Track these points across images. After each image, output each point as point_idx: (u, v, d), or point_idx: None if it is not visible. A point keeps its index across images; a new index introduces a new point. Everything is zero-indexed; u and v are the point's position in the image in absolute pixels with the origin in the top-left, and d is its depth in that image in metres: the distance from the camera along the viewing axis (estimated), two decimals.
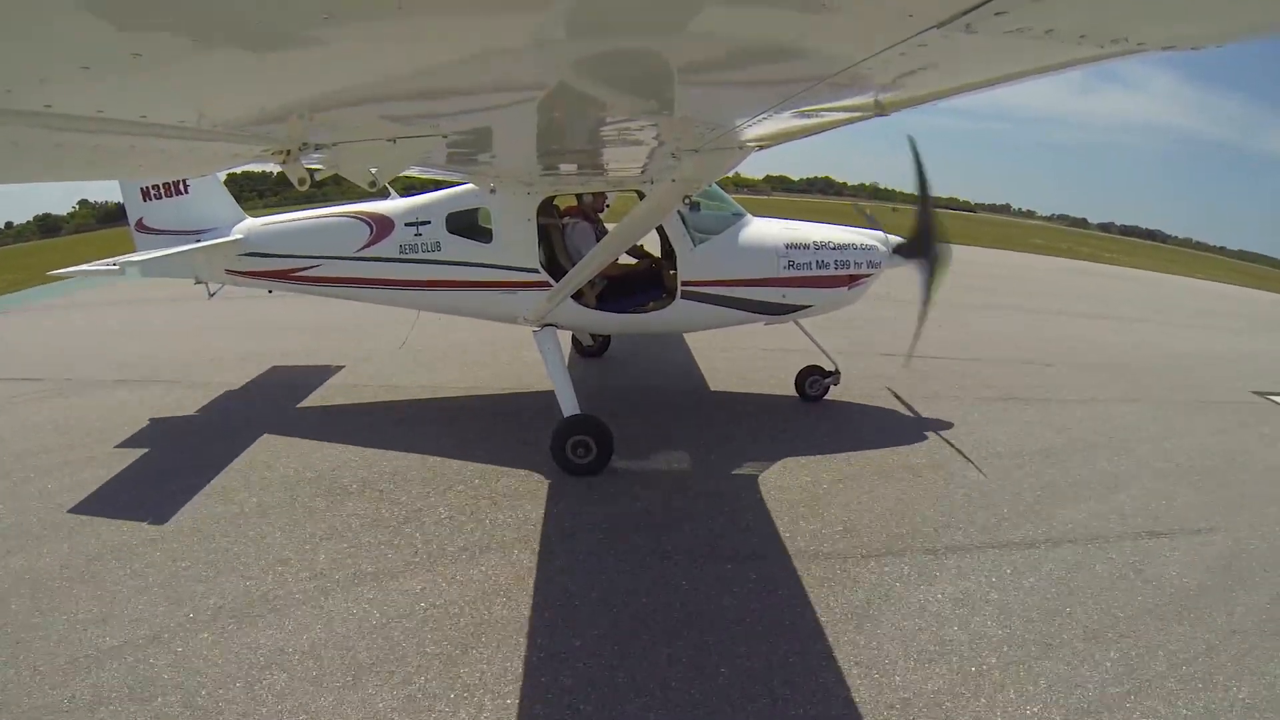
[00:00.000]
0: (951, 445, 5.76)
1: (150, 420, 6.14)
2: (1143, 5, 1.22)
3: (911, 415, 6.47)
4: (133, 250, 6.21)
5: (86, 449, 5.56)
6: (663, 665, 3.19)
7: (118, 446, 5.59)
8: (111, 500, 4.72)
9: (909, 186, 5.59)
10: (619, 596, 3.70)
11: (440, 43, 1.32)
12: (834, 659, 3.24)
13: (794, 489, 4.92)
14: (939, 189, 5.65)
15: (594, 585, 3.79)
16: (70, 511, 4.54)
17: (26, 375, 7.75)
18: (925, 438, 5.91)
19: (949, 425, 6.18)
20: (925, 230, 5.72)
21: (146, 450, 5.52)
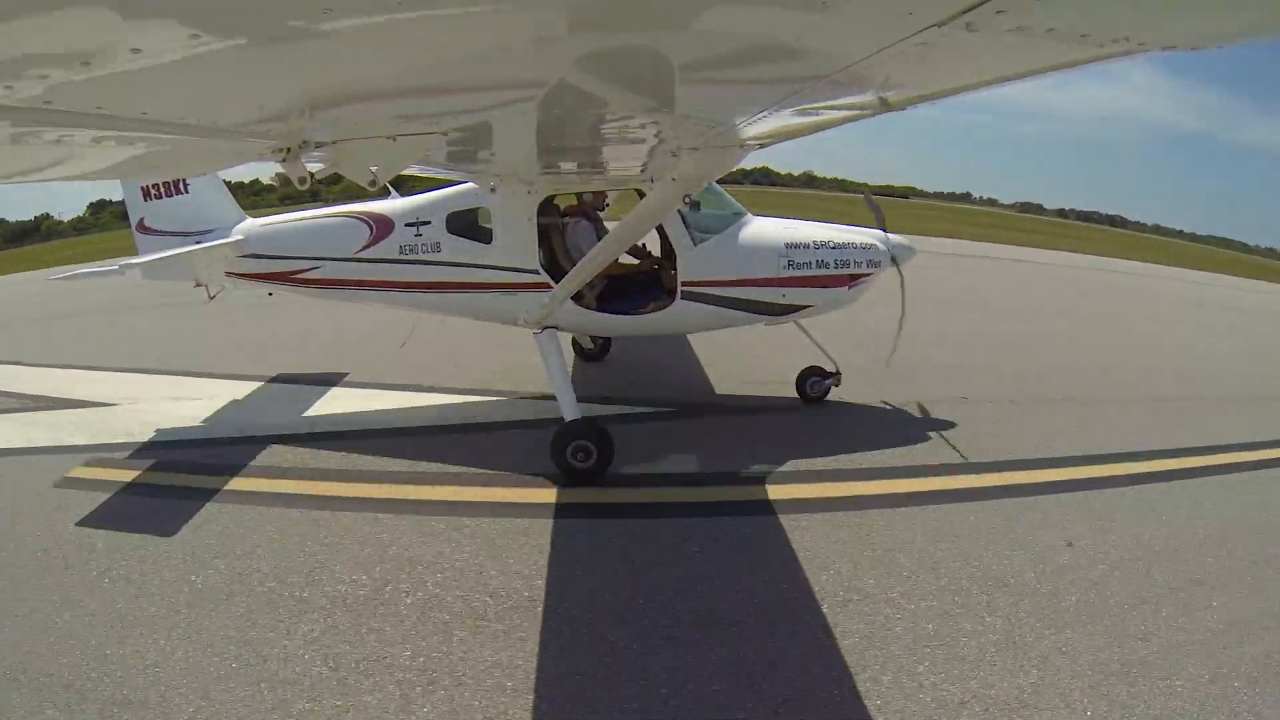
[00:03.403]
0: (951, 445, 5.76)
1: (157, 431, 6.14)
2: (1144, 5, 1.22)
3: (912, 415, 6.46)
4: (133, 251, 6.21)
5: (94, 461, 5.55)
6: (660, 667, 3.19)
7: (128, 458, 5.58)
8: (119, 512, 4.71)
9: (849, 174, 5.82)
10: (623, 596, 3.70)
11: (441, 39, 1.32)
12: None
13: (795, 490, 4.91)
14: (916, 179, 5.90)
15: (597, 585, 3.80)
16: (78, 525, 4.53)
17: (31, 389, 7.77)
18: (928, 438, 5.91)
19: (951, 425, 6.18)
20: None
21: (154, 461, 5.52)
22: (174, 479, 5.20)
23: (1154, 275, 22.28)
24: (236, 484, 5.04)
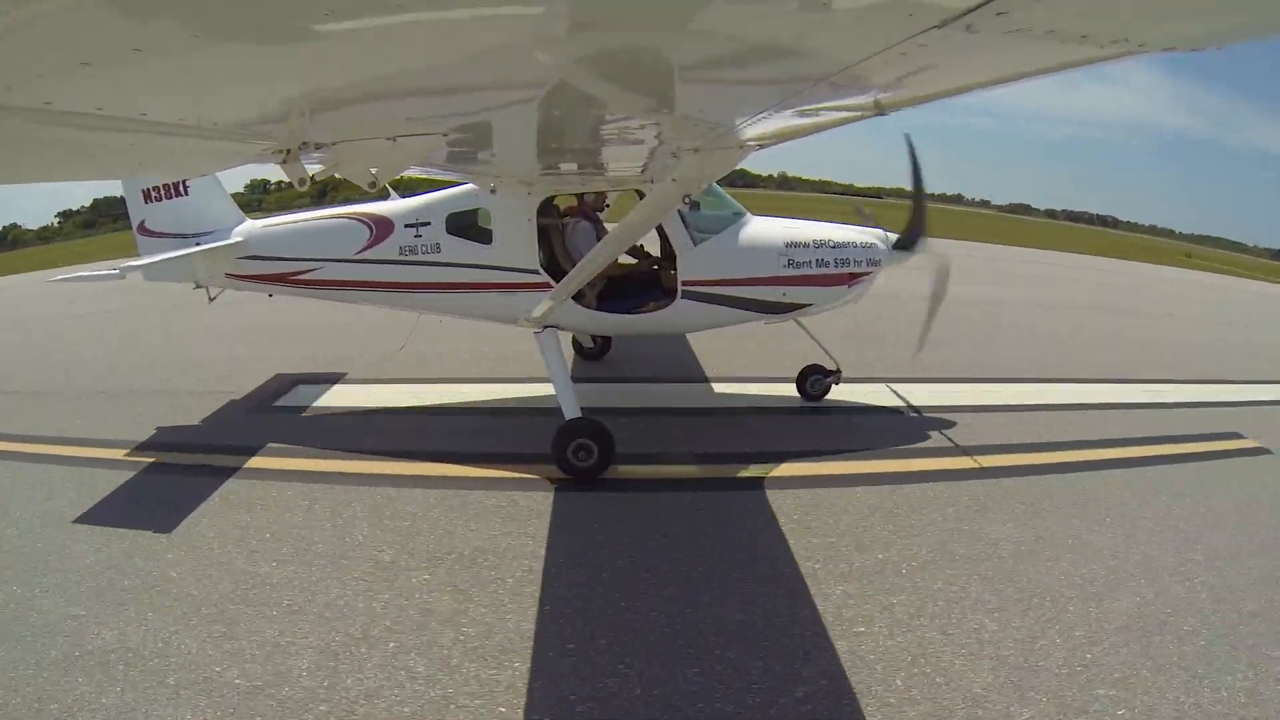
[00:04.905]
0: (954, 444, 5.76)
1: (157, 428, 6.14)
2: (1144, 6, 1.22)
3: (913, 415, 6.46)
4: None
5: (94, 458, 5.55)
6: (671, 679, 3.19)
7: (126, 455, 5.58)
8: (118, 510, 4.70)
9: (830, 175, 5.81)
10: (621, 596, 3.70)
11: (441, 40, 1.32)
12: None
13: (797, 489, 4.92)
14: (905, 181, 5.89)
15: (598, 584, 3.80)
16: (75, 522, 4.52)
17: (33, 387, 7.77)
18: (928, 436, 5.91)
19: (951, 424, 6.18)
20: (920, 221, 5.96)
21: (154, 459, 5.52)
22: (172, 476, 5.19)
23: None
24: (235, 481, 5.04)
